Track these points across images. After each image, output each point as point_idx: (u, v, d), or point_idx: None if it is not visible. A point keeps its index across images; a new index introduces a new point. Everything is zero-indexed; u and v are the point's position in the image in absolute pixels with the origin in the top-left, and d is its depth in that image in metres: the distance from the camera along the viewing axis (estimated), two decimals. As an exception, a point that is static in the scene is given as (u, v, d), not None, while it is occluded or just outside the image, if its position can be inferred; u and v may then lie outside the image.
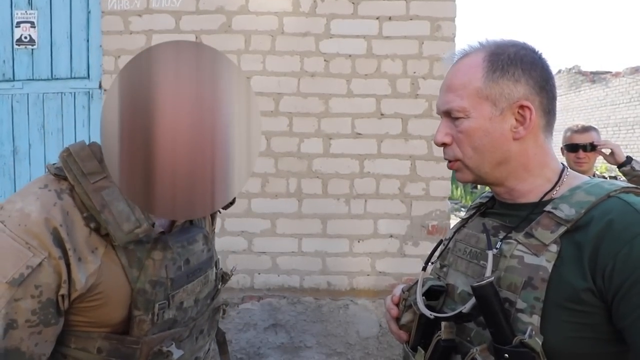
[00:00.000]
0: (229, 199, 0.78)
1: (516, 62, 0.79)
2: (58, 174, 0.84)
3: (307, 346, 2.58)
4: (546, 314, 0.69)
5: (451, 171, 2.66)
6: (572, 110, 13.38)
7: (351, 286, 2.62)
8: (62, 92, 2.67)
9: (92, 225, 0.81)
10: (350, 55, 2.57)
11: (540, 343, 0.66)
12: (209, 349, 1.03)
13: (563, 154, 2.45)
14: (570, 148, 2.38)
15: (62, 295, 0.78)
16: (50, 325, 0.77)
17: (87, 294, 0.80)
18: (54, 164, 0.87)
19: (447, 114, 0.83)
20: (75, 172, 0.82)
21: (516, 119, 0.79)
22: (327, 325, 2.58)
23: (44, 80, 2.68)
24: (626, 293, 0.65)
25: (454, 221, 2.42)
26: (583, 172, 2.31)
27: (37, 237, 0.76)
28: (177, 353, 0.87)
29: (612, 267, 0.66)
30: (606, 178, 2.34)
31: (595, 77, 12.62)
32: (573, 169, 2.34)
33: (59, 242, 0.77)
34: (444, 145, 0.85)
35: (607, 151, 2.34)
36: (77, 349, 0.83)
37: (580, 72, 12.96)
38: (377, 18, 2.56)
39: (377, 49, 2.57)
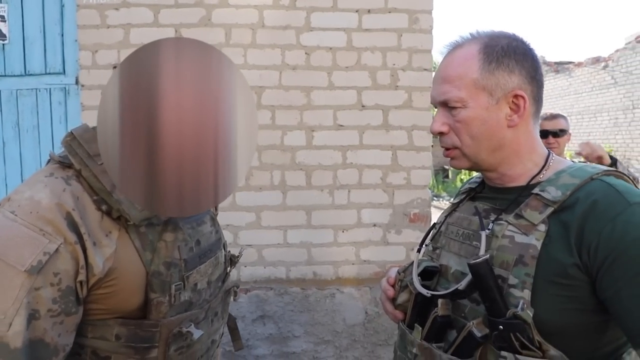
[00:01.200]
0: (231, 191, 0.79)
1: (510, 54, 0.82)
2: (62, 162, 0.83)
3: (295, 336, 2.62)
4: (536, 288, 0.74)
5: (431, 160, 2.73)
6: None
7: (337, 275, 2.67)
8: (36, 88, 2.60)
9: (104, 208, 0.80)
10: (330, 48, 2.60)
11: (532, 315, 0.71)
12: (222, 333, 1.05)
13: None
14: (541, 134, 2.51)
15: (81, 282, 0.77)
16: (71, 314, 0.76)
17: (105, 279, 0.80)
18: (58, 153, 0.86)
19: (444, 104, 0.86)
20: (81, 155, 0.81)
21: (510, 108, 0.83)
22: (314, 314, 2.62)
23: (17, 76, 2.60)
24: (609, 267, 0.70)
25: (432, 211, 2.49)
26: (559, 155, 2.47)
27: (51, 223, 0.74)
28: (197, 333, 0.87)
29: (596, 243, 0.71)
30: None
31: (559, 67, 13.03)
32: None
33: (74, 227, 0.76)
34: (440, 134, 0.88)
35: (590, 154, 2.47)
36: (95, 337, 0.82)
37: (545, 63, 13.35)
38: (356, 11, 2.59)
39: (357, 42, 2.60)
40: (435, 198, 11.73)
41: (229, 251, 1.10)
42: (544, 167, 0.85)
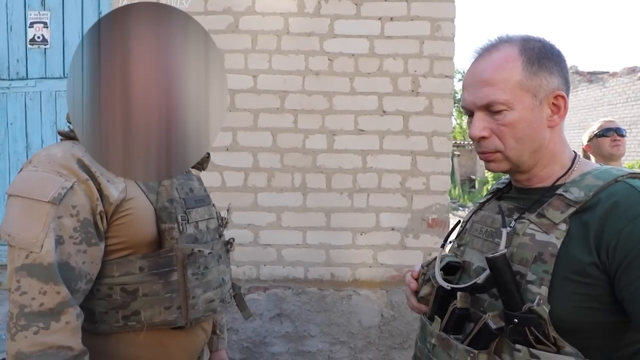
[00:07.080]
0: (186, 167, 0.89)
1: (548, 55, 0.83)
2: (67, 135, 0.99)
3: (311, 335, 2.67)
4: (554, 285, 0.74)
5: (450, 166, 2.76)
6: (569, 110, 13.44)
7: (354, 277, 2.71)
8: (74, 90, 2.75)
9: None
10: (353, 55, 2.66)
11: (547, 311, 0.71)
12: (230, 278, 1.15)
13: (585, 153, 2.50)
14: (606, 132, 2.44)
15: (100, 214, 0.90)
16: (92, 245, 0.89)
17: (121, 208, 0.93)
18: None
19: (484, 108, 0.84)
20: None
21: (550, 109, 0.84)
22: (331, 315, 2.67)
23: (57, 78, 2.76)
24: (627, 267, 0.70)
25: (452, 219, 2.50)
26: (620, 156, 2.40)
27: (66, 167, 0.89)
28: (206, 250, 1.00)
29: (615, 243, 0.71)
30: None
31: (592, 77, 12.72)
32: (611, 154, 2.41)
33: (85, 169, 0.90)
34: (481, 138, 0.85)
35: None
36: (122, 275, 0.93)
37: (577, 72, 13.07)
38: (379, 18, 2.65)
39: (379, 49, 2.66)
40: (460, 208, 11.60)
41: (219, 212, 1.21)
42: (570, 168, 0.86)
